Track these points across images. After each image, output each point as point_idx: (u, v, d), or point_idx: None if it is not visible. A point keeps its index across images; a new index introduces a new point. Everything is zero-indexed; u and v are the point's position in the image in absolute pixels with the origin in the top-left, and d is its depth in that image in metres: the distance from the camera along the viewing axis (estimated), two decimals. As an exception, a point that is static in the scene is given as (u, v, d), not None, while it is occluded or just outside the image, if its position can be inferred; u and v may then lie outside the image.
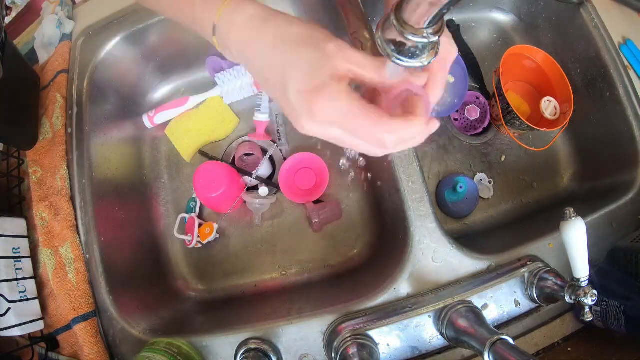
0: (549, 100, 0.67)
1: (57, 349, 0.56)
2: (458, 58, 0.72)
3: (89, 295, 0.55)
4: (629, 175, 0.60)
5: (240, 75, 0.71)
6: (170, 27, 0.68)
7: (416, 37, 0.25)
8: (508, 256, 0.53)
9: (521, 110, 0.72)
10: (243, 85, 0.71)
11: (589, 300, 0.42)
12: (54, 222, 0.58)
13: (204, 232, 0.67)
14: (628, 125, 0.61)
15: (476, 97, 0.75)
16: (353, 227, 0.70)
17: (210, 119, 0.74)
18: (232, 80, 0.71)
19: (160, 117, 0.73)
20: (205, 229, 0.67)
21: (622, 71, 0.62)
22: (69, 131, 0.62)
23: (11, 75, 0.56)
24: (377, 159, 0.60)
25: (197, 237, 0.67)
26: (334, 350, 0.46)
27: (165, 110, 0.73)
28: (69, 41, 0.69)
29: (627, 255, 0.51)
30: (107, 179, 0.64)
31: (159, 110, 0.73)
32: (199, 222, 0.68)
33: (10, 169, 0.63)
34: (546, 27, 0.73)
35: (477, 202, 0.69)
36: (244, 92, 0.72)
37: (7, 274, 0.53)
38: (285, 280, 0.68)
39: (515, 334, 0.51)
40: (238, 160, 0.72)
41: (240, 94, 0.72)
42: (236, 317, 0.57)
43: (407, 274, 0.52)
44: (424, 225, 0.53)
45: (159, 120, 0.74)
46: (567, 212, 0.45)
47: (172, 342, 0.50)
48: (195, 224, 0.68)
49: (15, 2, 0.83)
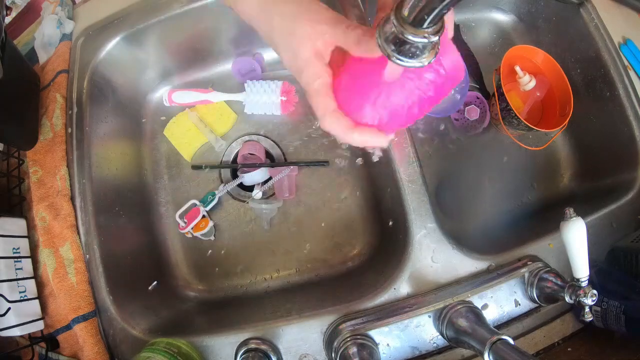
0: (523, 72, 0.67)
1: (57, 349, 0.56)
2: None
3: (89, 295, 0.55)
4: (629, 175, 0.60)
5: (270, 90, 0.70)
6: (170, 27, 0.68)
7: (416, 37, 0.25)
8: (508, 256, 0.53)
9: (520, 111, 0.72)
10: (269, 102, 0.70)
11: (589, 300, 0.42)
12: (54, 222, 0.58)
13: (199, 225, 0.68)
14: (628, 125, 0.61)
15: (476, 97, 0.75)
16: (353, 227, 0.70)
17: (208, 116, 0.74)
18: (260, 93, 0.70)
19: (179, 97, 0.73)
20: (201, 223, 0.68)
21: (622, 71, 0.62)
22: (69, 131, 0.62)
23: (11, 75, 0.56)
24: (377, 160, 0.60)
25: (191, 227, 0.68)
26: (334, 350, 0.46)
27: (186, 91, 0.73)
28: (69, 41, 0.69)
29: (627, 255, 0.51)
30: (107, 179, 0.64)
31: (179, 90, 0.73)
32: (202, 215, 0.68)
33: (10, 169, 0.63)
34: (546, 27, 0.73)
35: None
36: (268, 108, 0.72)
37: (7, 274, 0.53)
38: (285, 280, 0.68)
39: (515, 334, 0.51)
40: (240, 158, 0.72)
41: (262, 108, 0.72)
42: (236, 317, 0.57)
43: (407, 274, 0.52)
44: (424, 225, 0.53)
45: (177, 99, 0.73)
46: (567, 212, 0.45)
47: (172, 342, 0.50)
48: (199, 215, 0.68)
49: (15, 2, 0.83)
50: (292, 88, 0.72)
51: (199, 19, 0.68)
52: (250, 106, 0.72)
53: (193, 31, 0.71)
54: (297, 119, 0.74)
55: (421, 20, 0.24)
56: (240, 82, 0.75)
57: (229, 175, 0.73)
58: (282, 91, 0.70)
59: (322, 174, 0.72)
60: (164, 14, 0.66)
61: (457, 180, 0.71)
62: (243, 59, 0.75)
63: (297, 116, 0.74)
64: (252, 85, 0.71)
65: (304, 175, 0.72)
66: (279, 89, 0.70)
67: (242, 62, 0.75)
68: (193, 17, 0.68)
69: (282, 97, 0.70)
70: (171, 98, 0.73)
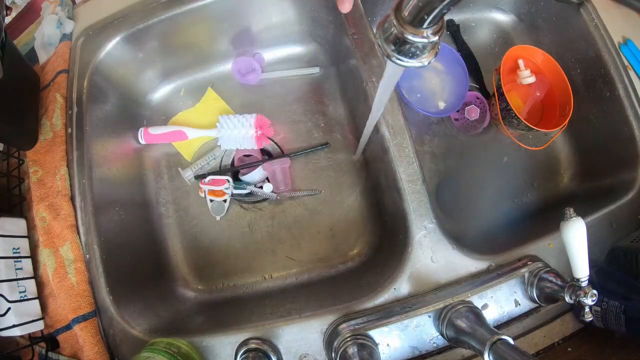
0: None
1: (57, 349, 0.56)
2: (458, 57, 0.72)
3: (89, 295, 0.55)
4: (629, 175, 0.60)
5: (243, 124, 0.68)
6: (170, 27, 0.68)
7: (416, 37, 0.25)
8: (508, 256, 0.53)
9: (520, 111, 0.72)
10: (243, 136, 0.68)
11: (589, 300, 0.42)
12: (54, 222, 0.58)
13: (216, 192, 0.68)
14: (628, 125, 0.61)
15: (476, 97, 0.75)
16: (353, 227, 0.70)
17: (205, 115, 0.74)
18: (232, 127, 0.68)
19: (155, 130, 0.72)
20: (219, 192, 0.68)
21: (622, 71, 0.62)
22: (69, 131, 0.62)
23: (11, 75, 0.56)
24: (377, 160, 0.60)
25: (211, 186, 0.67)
26: (334, 350, 0.46)
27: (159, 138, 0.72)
28: (69, 41, 0.69)
29: (627, 255, 0.52)
30: (107, 178, 0.64)
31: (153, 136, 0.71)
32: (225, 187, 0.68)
33: (10, 169, 0.63)
34: (546, 27, 0.73)
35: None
36: (242, 142, 0.69)
37: (7, 274, 0.53)
38: (285, 280, 0.68)
39: (515, 334, 0.51)
40: (237, 161, 0.73)
41: (237, 142, 0.70)
42: (236, 317, 0.57)
43: (407, 274, 0.52)
44: (424, 225, 0.53)
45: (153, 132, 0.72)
46: (567, 212, 0.45)
47: (172, 342, 0.50)
48: (223, 185, 0.67)
49: (15, 2, 0.83)
50: (266, 121, 0.70)
51: (199, 19, 0.68)
52: (224, 141, 0.70)
53: (193, 31, 0.71)
54: (290, 116, 0.74)
55: (421, 20, 0.24)
56: (241, 82, 0.75)
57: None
58: (257, 124, 0.68)
59: (323, 174, 0.72)
60: (164, 14, 0.66)
61: (457, 180, 0.71)
62: (243, 59, 0.75)
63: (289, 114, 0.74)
64: (225, 120, 0.69)
65: (304, 175, 0.72)
66: (253, 122, 0.68)
67: (242, 62, 0.75)
68: (193, 17, 0.68)
69: (257, 130, 0.68)
70: (147, 132, 0.71)
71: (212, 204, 0.69)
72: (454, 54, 0.72)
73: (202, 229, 0.71)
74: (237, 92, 0.77)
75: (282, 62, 0.78)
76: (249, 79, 0.75)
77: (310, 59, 0.78)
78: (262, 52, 0.77)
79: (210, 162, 0.73)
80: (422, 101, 0.73)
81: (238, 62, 0.75)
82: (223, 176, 0.69)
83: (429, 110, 0.70)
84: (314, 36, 0.76)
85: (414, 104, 0.67)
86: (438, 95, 0.74)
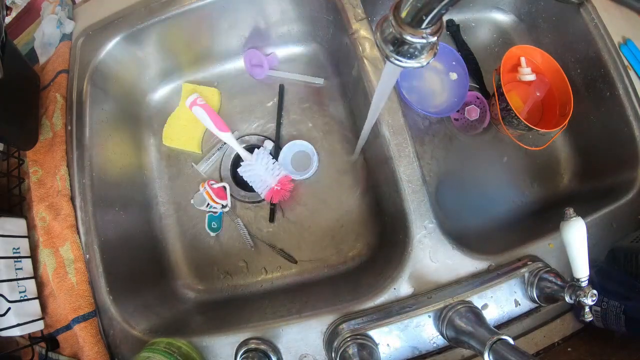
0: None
1: (57, 349, 0.56)
2: (458, 57, 0.72)
3: (89, 295, 0.55)
4: (629, 175, 0.60)
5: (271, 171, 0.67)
6: (170, 27, 0.68)
7: (414, 37, 0.25)
8: (508, 256, 0.53)
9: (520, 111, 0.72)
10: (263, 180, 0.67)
11: (589, 300, 0.42)
12: (54, 222, 0.58)
13: (215, 200, 0.68)
14: (628, 125, 0.61)
15: (476, 97, 0.75)
16: (353, 227, 0.70)
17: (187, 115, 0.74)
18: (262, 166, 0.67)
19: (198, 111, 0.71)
20: (220, 199, 0.69)
21: (622, 71, 0.62)
22: (69, 131, 0.63)
23: (11, 75, 0.56)
24: (376, 160, 0.60)
25: (212, 196, 0.68)
26: (334, 350, 0.46)
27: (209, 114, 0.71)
28: (69, 41, 0.69)
29: (627, 255, 0.51)
30: (107, 178, 0.64)
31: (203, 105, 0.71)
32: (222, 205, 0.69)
33: (10, 169, 0.63)
34: (546, 27, 0.73)
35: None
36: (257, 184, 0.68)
37: (7, 274, 0.53)
38: (285, 280, 0.68)
39: (515, 334, 0.51)
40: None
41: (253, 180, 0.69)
42: (236, 317, 0.57)
43: (407, 274, 0.52)
44: (424, 225, 0.53)
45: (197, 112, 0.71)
46: (567, 212, 0.45)
47: (172, 342, 0.50)
48: (227, 193, 0.70)
49: (15, 2, 0.83)
50: (289, 185, 0.68)
51: (199, 18, 0.68)
52: (245, 170, 0.69)
53: (193, 31, 0.71)
54: (290, 116, 0.74)
55: (419, 21, 0.24)
56: (248, 72, 0.77)
57: (227, 173, 0.73)
58: (280, 180, 0.67)
59: (322, 174, 0.72)
60: (164, 14, 0.66)
61: (457, 180, 0.71)
62: (256, 52, 0.76)
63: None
64: (261, 155, 0.68)
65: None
66: (278, 176, 0.67)
67: (254, 55, 0.76)
68: (193, 17, 0.68)
69: (277, 185, 0.67)
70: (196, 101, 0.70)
71: (195, 195, 0.69)
72: (454, 54, 0.72)
73: (202, 229, 0.71)
74: (238, 91, 0.77)
75: (282, 62, 0.78)
76: (256, 71, 0.76)
77: (310, 59, 0.78)
78: (260, 51, 0.77)
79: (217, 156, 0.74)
80: (422, 101, 0.73)
81: (249, 53, 0.76)
82: (228, 192, 0.70)
83: (429, 110, 0.70)
84: (314, 36, 0.76)
85: (414, 104, 0.67)
86: (438, 95, 0.74)
